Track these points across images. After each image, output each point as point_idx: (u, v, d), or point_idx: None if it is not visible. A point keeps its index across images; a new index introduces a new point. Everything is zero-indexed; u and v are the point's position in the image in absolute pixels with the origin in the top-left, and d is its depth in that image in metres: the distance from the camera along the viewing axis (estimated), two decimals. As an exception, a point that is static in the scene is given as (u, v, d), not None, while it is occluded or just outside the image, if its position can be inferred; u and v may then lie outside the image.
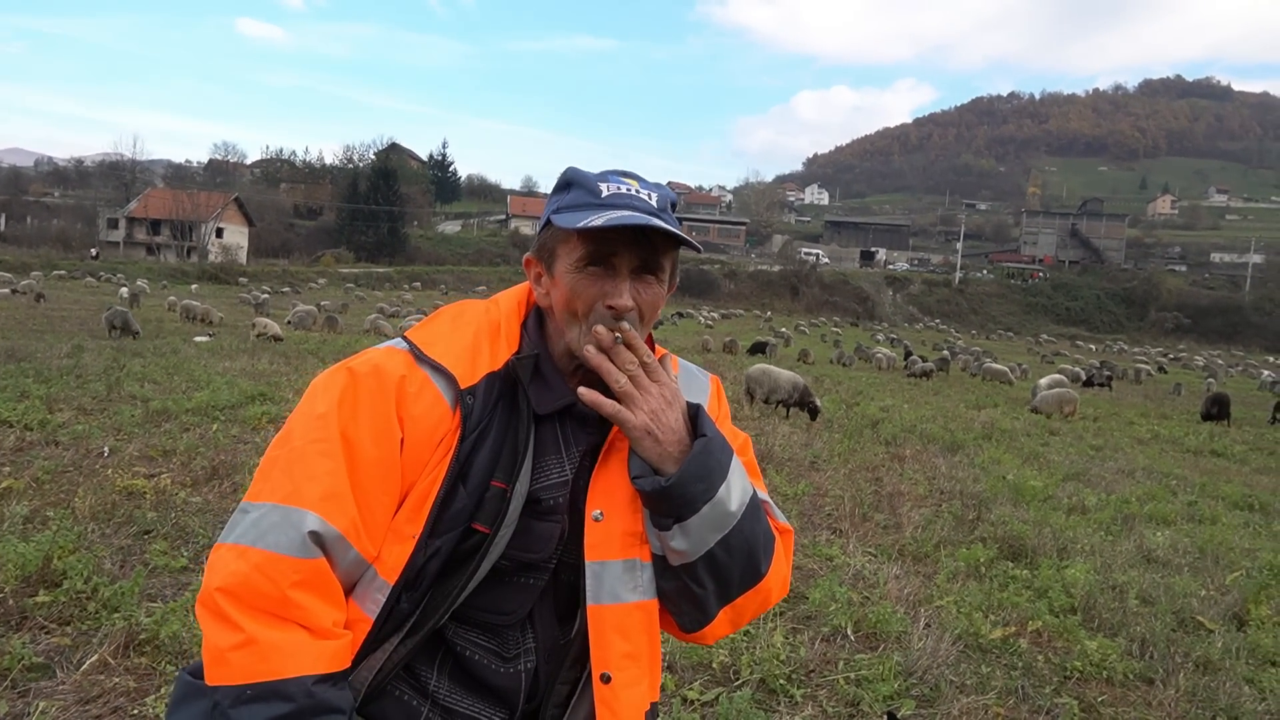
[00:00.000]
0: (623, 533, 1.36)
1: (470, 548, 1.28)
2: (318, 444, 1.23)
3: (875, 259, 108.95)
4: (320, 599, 1.20)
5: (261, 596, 1.16)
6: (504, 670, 1.36)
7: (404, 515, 1.27)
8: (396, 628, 1.29)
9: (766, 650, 4.17)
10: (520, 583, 1.35)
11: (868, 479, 8.99)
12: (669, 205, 1.38)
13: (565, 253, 1.35)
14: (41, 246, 62.10)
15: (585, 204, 1.32)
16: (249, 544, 1.18)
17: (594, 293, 1.32)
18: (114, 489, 5.95)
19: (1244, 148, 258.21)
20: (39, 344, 14.84)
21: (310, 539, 1.18)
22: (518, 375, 1.33)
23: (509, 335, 1.39)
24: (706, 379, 1.58)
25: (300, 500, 1.20)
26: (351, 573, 1.25)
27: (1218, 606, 5.71)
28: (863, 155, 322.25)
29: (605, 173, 1.39)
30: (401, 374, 1.28)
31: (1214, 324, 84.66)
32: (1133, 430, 17.62)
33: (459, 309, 1.43)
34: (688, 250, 1.36)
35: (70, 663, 3.53)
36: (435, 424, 1.28)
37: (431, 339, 1.34)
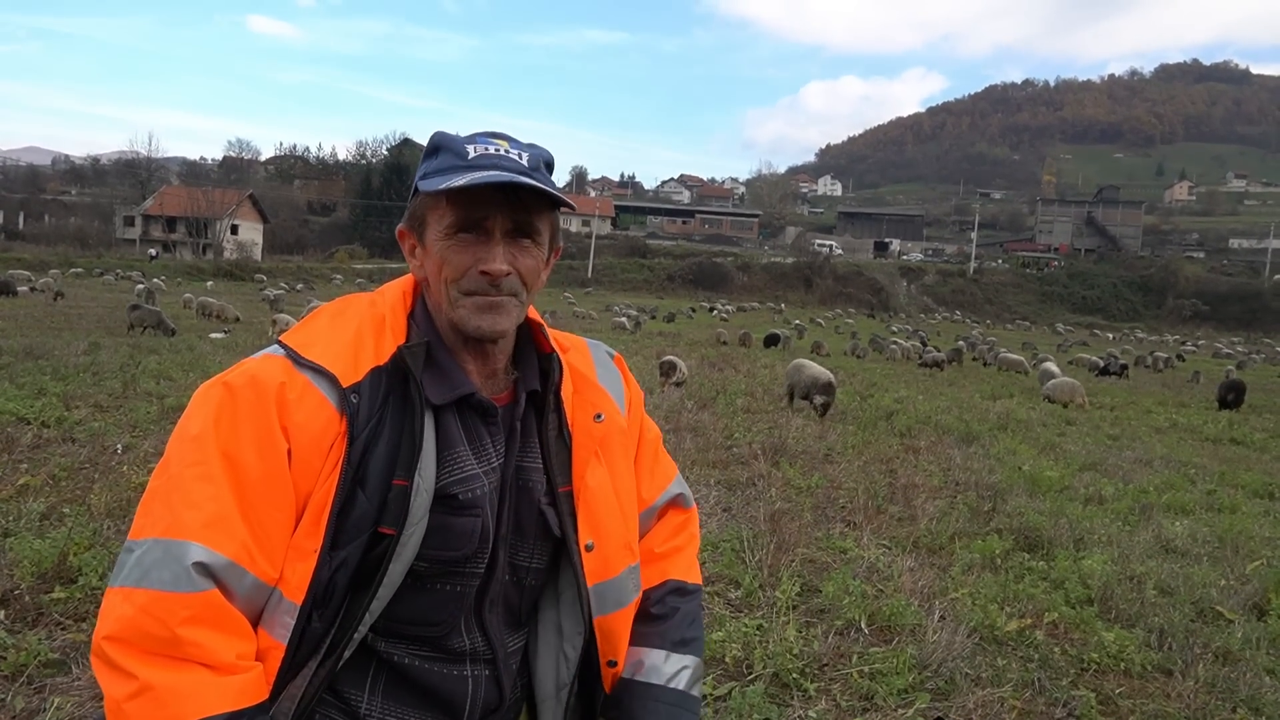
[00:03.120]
0: (618, 549, 1.38)
1: (380, 553, 1.20)
2: (195, 468, 1.15)
3: (889, 250, 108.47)
4: (217, 632, 1.12)
5: (151, 639, 1.09)
6: (449, 673, 1.30)
7: (303, 530, 1.19)
8: (313, 650, 1.21)
9: (779, 644, 4.15)
10: (445, 590, 1.28)
11: (882, 471, 8.94)
12: (542, 165, 1.32)
13: (435, 220, 1.30)
14: (59, 244, 62.55)
15: (451, 167, 1.26)
16: (133, 585, 1.11)
17: (466, 259, 1.27)
18: (129, 486, 5.99)
19: (1262, 132, 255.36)
20: (57, 341, 14.96)
21: (196, 570, 1.10)
22: (407, 365, 1.26)
23: (395, 326, 1.31)
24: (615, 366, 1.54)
25: (181, 531, 1.12)
26: (254, 599, 1.17)
27: (1237, 596, 5.65)
28: (876, 145, 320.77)
29: (474, 134, 1.33)
30: (280, 381, 1.20)
31: (1233, 311, 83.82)
32: (1150, 419, 17.47)
33: (340, 305, 1.36)
34: (697, 243, 1.33)
35: (85, 659, 3.54)
36: (322, 429, 1.19)
37: (309, 340, 1.26)
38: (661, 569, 1.52)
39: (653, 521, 1.56)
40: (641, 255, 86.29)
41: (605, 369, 1.50)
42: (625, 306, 48.18)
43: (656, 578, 1.50)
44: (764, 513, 6.59)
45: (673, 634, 1.46)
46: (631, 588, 1.42)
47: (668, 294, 73.06)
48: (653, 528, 1.56)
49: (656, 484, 1.56)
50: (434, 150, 1.32)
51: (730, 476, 8.09)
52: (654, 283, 78.40)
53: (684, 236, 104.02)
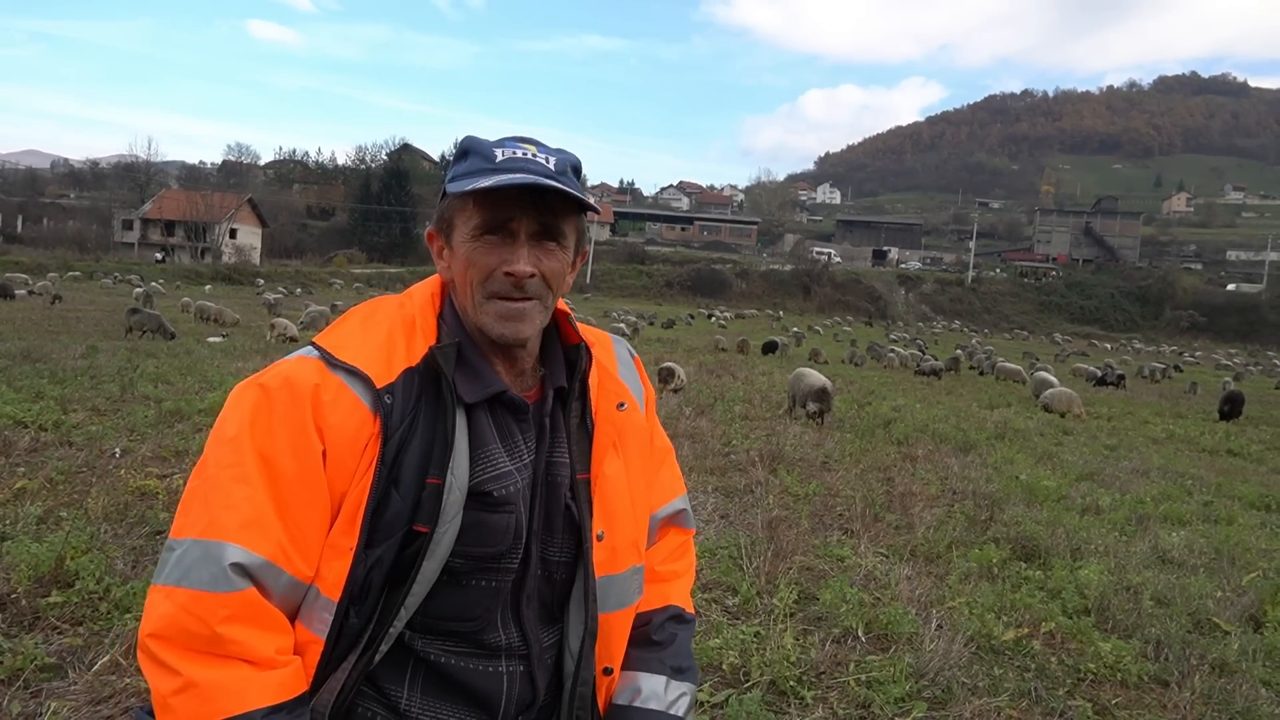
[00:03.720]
0: (627, 545, 1.40)
1: (415, 551, 1.22)
2: (231, 469, 1.18)
3: (888, 258, 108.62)
4: (257, 629, 1.15)
5: (192, 637, 1.12)
6: (485, 669, 1.31)
7: (339, 529, 1.21)
8: (352, 644, 1.24)
9: (777, 652, 4.15)
10: (481, 586, 1.29)
11: (879, 479, 8.95)
12: (569, 169, 1.33)
13: (462, 221, 1.31)
14: (57, 248, 62.49)
15: (479, 170, 1.28)
16: (174, 584, 1.14)
17: (491, 261, 1.29)
18: (127, 489, 5.98)
19: (1260, 144, 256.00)
20: (54, 345, 14.94)
21: (233, 571, 1.13)
22: (439, 365, 1.27)
23: (425, 328, 1.33)
24: (634, 365, 1.56)
25: (218, 532, 1.15)
26: (291, 596, 1.20)
27: (1234, 608, 5.65)
28: (875, 154, 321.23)
29: (503, 139, 1.34)
30: (315, 382, 1.21)
31: (1230, 322, 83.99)
32: (1148, 430, 17.48)
33: (371, 308, 1.37)
34: (695, 250, 1.34)
35: (82, 663, 3.54)
36: (356, 430, 1.21)
37: (342, 342, 1.28)
38: (663, 592, 1.53)
39: (655, 534, 1.56)
40: (640, 261, 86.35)
41: (626, 366, 1.53)
42: (624, 312, 48.18)
43: (658, 600, 1.52)
44: (761, 520, 6.59)
45: (672, 660, 1.47)
46: (634, 589, 1.43)
47: (666, 300, 73.10)
48: (656, 542, 1.57)
49: (663, 493, 1.57)
50: (463, 154, 1.33)
51: (728, 483, 8.09)
52: (652, 289, 78.43)
53: (683, 243, 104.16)
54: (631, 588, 1.42)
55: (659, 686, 1.44)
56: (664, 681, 1.45)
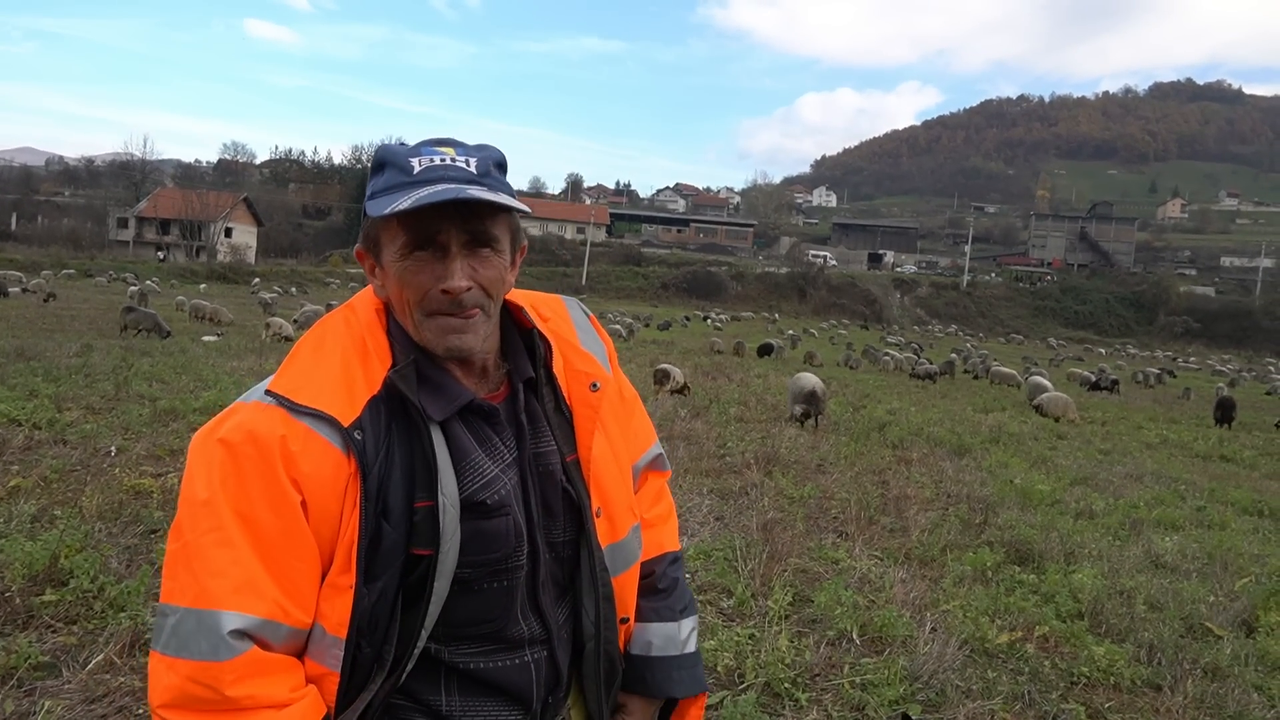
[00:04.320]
0: (623, 511, 1.44)
1: (421, 574, 1.22)
2: (211, 534, 1.14)
3: (883, 261, 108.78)
4: (268, 679, 1.15)
5: (204, 703, 1.12)
6: (512, 663, 1.32)
7: (336, 569, 1.19)
8: (369, 671, 1.24)
9: (771, 654, 4.16)
10: (494, 588, 1.30)
11: (874, 482, 8.96)
12: (492, 167, 1.29)
13: (389, 240, 1.27)
14: (52, 245, 62.35)
15: (398, 185, 1.23)
16: (174, 655, 1.13)
17: (425, 279, 1.24)
18: (121, 488, 5.98)
19: (1255, 151, 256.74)
20: (48, 343, 14.90)
21: (233, 637, 1.12)
22: (402, 390, 1.24)
23: (377, 349, 1.29)
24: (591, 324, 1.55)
25: (210, 601, 1.12)
26: (292, 642, 1.19)
27: (1226, 613, 5.67)
28: (871, 157, 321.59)
29: (420, 144, 1.29)
30: (280, 434, 1.17)
31: (1224, 328, 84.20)
32: (1141, 435, 17.53)
33: (318, 335, 1.32)
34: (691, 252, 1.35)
35: (76, 662, 3.54)
36: (333, 474, 1.18)
37: (298, 383, 1.23)
38: (656, 539, 1.58)
39: (637, 482, 1.59)
40: (636, 263, 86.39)
41: (585, 331, 1.51)
42: (620, 314, 48.19)
43: (653, 549, 1.57)
44: (756, 522, 6.59)
45: (677, 604, 1.56)
46: (636, 547, 1.48)
47: (662, 302, 73.10)
48: (638, 489, 1.59)
49: (639, 443, 1.59)
50: (379, 166, 1.28)
51: (723, 485, 8.10)
52: (648, 291, 78.45)
53: (679, 245, 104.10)
54: (634, 546, 1.47)
55: (673, 632, 1.53)
56: (675, 626, 1.53)
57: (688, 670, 1.52)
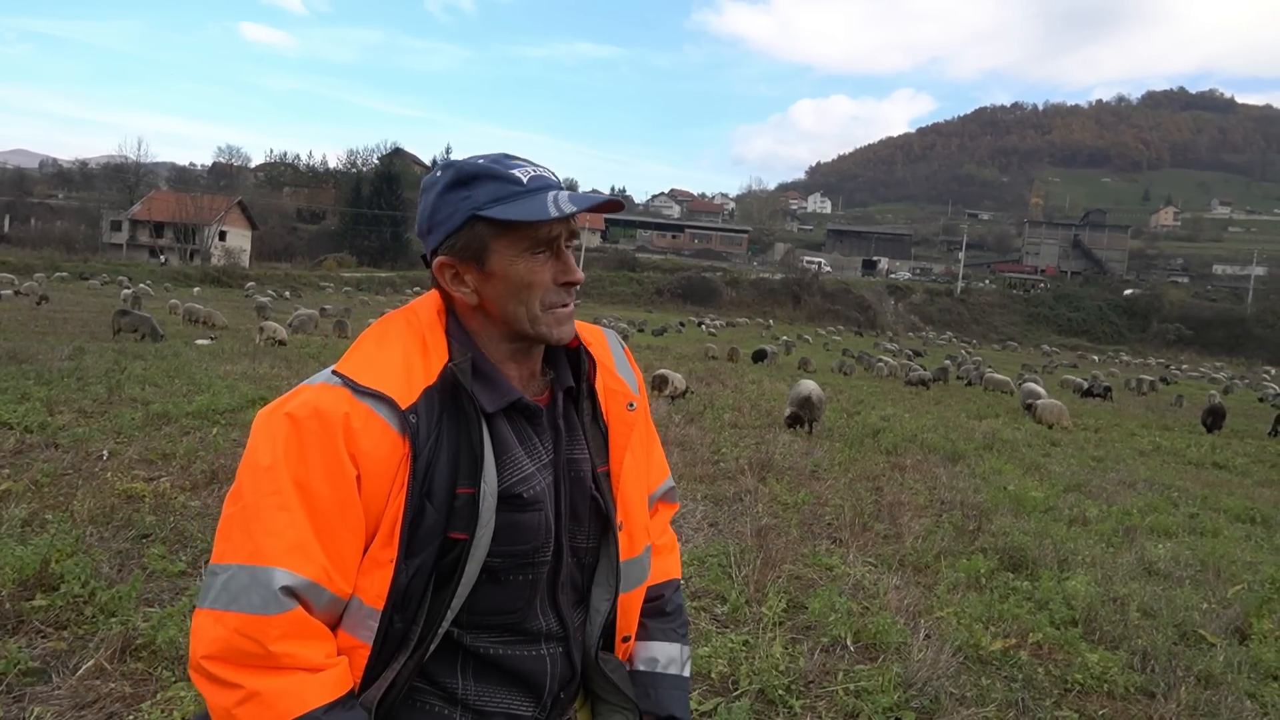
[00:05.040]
0: (640, 530, 1.53)
1: (455, 557, 1.30)
2: (271, 498, 1.23)
3: (877, 268, 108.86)
4: (307, 641, 1.23)
5: (248, 656, 1.19)
6: (528, 654, 1.40)
7: (378, 543, 1.27)
8: (398, 646, 1.31)
9: (765, 660, 4.15)
10: (519, 581, 1.38)
11: (868, 488, 8.96)
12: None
13: (506, 245, 1.35)
14: (45, 248, 62.19)
15: (517, 194, 1.33)
16: (223, 608, 1.20)
17: (545, 275, 1.37)
18: (113, 492, 5.95)
19: (1247, 160, 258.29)
20: (41, 346, 14.85)
21: (283, 594, 1.20)
22: (459, 381, 1.33)
23: (436, 346, 1.39)
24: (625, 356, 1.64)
25: (264, 558, 1.21)
26: (331, 610, 1.27)
27: (1219, 620, 5.68)
28: (866, 164, 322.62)
29: (501, 157, 1.39)
30: (345, 411, 1.26)
31: (1216, 336, 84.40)
32: (1134, 441, 17.57)
33: (382, 329, 1.42)
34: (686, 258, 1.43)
35: (66, 667, 3.52)
36: (388, 453, 1.27)
37: (362, 367, 1.32)
38: (664, 566, 1.68)
39: (651, 510, 1.68)
40: (631, 268, 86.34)
41: (620, 360, 1.61)
42: (614, 320, 48.19)
43: (661, 575, 1.66)
44: (750, 528, 6.59)
45: (681, 628, 1.66)
46: (647, 565, 1.56)
47: (656, 308, 73.10)
48: (651, 517, 1.67)
49: (657, 473, 1.69)
50: (472, 179, 1.35)
51: (717, 491, 8.09)
52: (643, 296, 78.43)
53: (673, 251, 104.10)
54: (645, 565, 1.55)
55: (675, 653, 1.62)
56: (678, 648, 1.63)
57: (683, 693, 1.61)
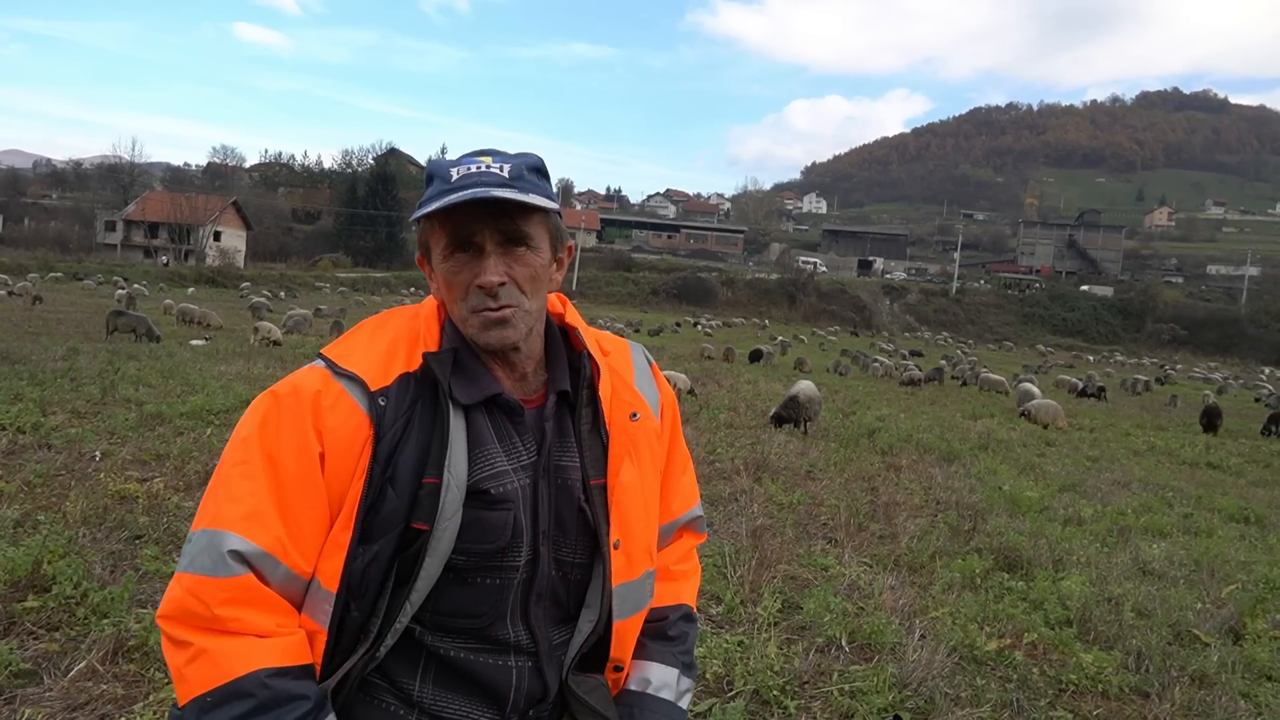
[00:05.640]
0: (641, 551, 1.45)
1: (417, 549, 1.28)
2: (240, 466, 1.27)
3: (873, 268, 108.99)
4: (254, 610, 1.23)
5: (195, 617, 1.21)
6: (492, 663, 1.35)
7: (338, 525, 1.27)
8: (356, 637, 1.30)
9: (760, 661, 4.15)
10: (485, 584, 1.34)
11: (864, 488, 8.97)
12: (525, 171, 1.37)
13: (434, 244, 1.37)
14: (39, 248, 61.98)
15: (439, 193, 1.32)
16: (183, 570, 1.24)
17: (464, 277, 1.34)
18: (106, 493, 5.93)
19: (1241, 160, 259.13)
20: (34, 346, 14.81)
21: (231, 557, 1.21)
22: (434, 370, 1.33)
23: (428, 336, 1.39)
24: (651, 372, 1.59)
25: (221, 522, 1.23)
26: (290, 588, 1.27)
27: (1214, 620, 5.69)
28: (861, 164, 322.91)
29: (463, 156, 1.39)
30: (317, 389, 1.30)
31: (1210, 336, 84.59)
32: (1129, 441, 17.60)
33: (383, 318, 1.45)
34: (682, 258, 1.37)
35: (58, 669, 3.50)
36: (353, 433, 1.28)
37: (347, 351, 1.36)
38: (675, 590, 1.61)
39: (671, 537, 1.63)
40: (626, 269, 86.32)
41: (643, 374, 1.56)
42: (610, 320, 48.17)
43: (670, 598, 1.59)
44: (746, 528, 6.59)
45: (684, 656, 1.57)
46: (648, 593, 1.49)
47: (652, 308, 73.07)
48: (670, 544, 1.63)
49: (685, 500, 1.63)
50: (429, 179, 1.38)
51: (713, 491, 8.09)
52: (639, 296, 78.41)
53: (669, 251, 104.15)
54: (645, 592, 1.47)
55: (671, 678, 1.53)
56: (676, 674, 1.54)
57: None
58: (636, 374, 1.54)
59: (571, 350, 1.50)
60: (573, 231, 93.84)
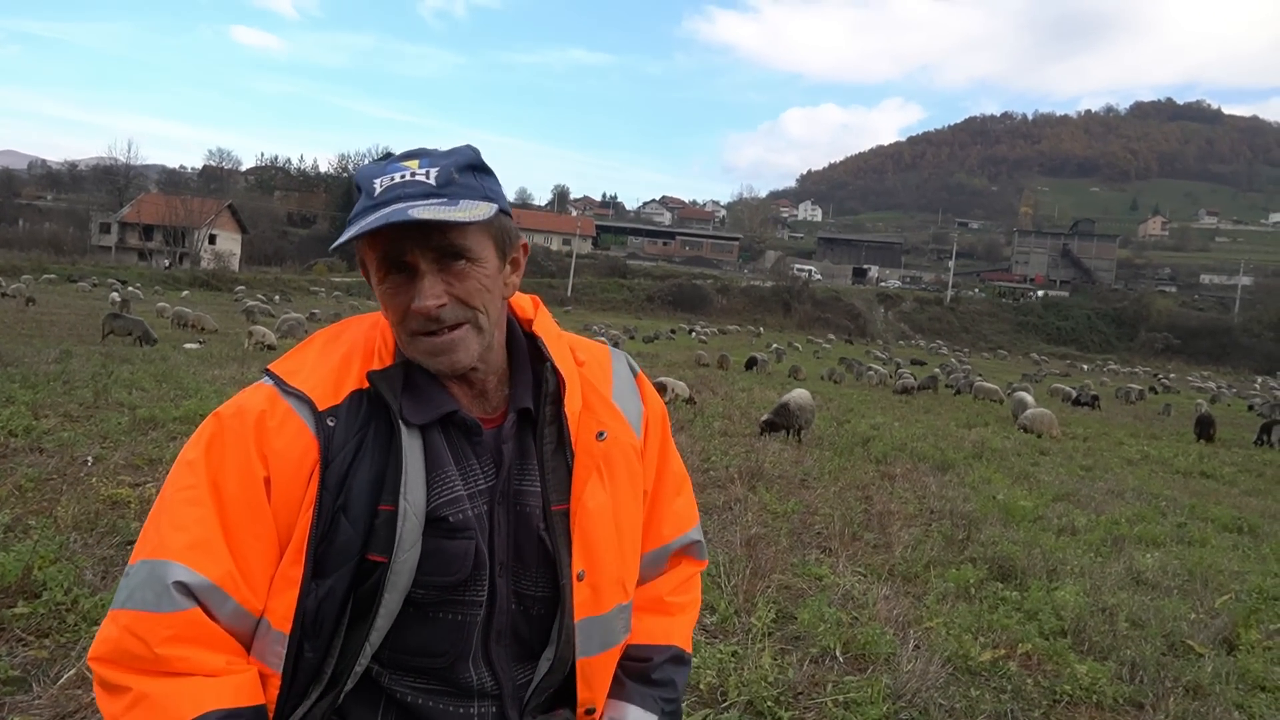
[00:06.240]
0: (611, 583, 1.32)
1: (375, 583, 1.18)
2: (185, 491, 1.17)
3: (868, 276, 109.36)
4: (201, 648, 1.12)
5: (133, 658, 1.10)
6: (456, 710, 1.25)
7: (288, 559, 1.17)
8: (311, 679, 1.20)
9: (754, 671, 4.13)
10: (447, 620, 1.24)
11: (858, 497, 8.96)
12: (455, 174, 1.21)
13: (370, 265, 1.24)
14: (33, 250, 61.79)
15: (363, 209, 1.19)
16: (119, 606, 1.13)
17: (401, 300, 1.21)
18: (98, 498, 5.89)
19: (1234, 170, 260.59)
20: (27, 348, 14.73)
21: (176, 589, 1.11)
22: (382, 390, 1.22)
23: (383, 350, 1.27)
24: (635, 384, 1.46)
25: (165, 551, 1.13)
26: (238, 626, 1.16)
27: (1207, 630, 5.68)
28: (856, 173, 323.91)
29: (390, 161, 1.24)
30: (262, 409, 1.20)
31: (1203, 345, 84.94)
32: (1122, 451, 17.62)
33: (339, 329, 1.34)
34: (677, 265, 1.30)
35: (47, 676, 3.47)
36: (300, 456, 1.18)
37: (296, 367, 1.26)
38: (666, 628, 1.47)
39: (664, 564, 1.50)
40: (621, 275, 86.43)
41: (624, 385, 1.43)
42: (605, 326, 48.16)
43: (661, 636, 1.46)
44: (740, 537, 6.57)
45: (667, 704, 1.43)
46: (620, 629, 1.36)
47: (647, 315, 73.14)
48: (664, 572, 1.51)
49: (678, 523, 1.50)
50: (357, 190, 1.25)
51: (707, 500, 8.07)
52: (633, 303, 78.46)
53: (664, 258, 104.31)
54: (617, 628, 1.35)
55: None
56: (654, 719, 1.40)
57: None
58: (616, 385, 1.40)
59: (538, 361, 1.36)
60: (568, 238, 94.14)
